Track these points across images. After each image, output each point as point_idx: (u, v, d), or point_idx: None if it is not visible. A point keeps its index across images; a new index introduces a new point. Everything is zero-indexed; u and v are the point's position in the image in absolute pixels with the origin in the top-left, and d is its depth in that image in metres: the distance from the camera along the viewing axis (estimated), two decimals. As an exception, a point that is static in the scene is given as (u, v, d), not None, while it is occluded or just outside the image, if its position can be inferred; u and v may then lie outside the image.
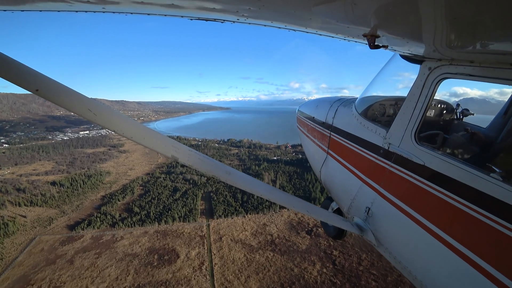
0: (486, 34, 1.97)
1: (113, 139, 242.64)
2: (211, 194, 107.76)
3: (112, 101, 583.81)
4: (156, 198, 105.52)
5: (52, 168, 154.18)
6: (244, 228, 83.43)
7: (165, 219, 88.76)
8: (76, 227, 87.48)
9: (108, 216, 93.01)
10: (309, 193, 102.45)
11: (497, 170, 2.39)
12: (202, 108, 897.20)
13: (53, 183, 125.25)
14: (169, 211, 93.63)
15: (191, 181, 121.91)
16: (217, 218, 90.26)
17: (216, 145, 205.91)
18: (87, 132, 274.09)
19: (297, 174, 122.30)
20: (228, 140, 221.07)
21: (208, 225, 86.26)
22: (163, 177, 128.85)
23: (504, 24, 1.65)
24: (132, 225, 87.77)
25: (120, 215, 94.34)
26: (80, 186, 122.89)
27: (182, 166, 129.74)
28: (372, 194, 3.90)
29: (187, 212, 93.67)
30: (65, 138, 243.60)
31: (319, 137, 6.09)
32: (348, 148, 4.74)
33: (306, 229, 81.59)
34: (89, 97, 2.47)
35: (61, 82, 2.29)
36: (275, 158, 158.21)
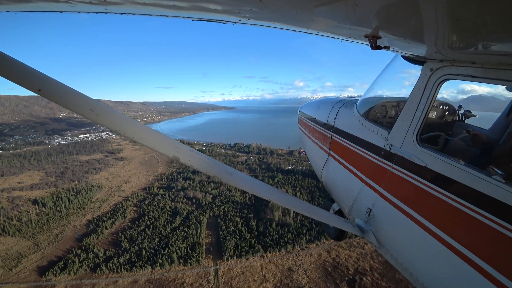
0: (488, 35, 1.96)
1: (112, 143, 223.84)
2: (219, 220, 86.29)
3: (116, 102, 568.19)
4: (151, 226, 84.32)
5: (40, 180, 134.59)
6: (264, 276, 61.75)
7: (160, 261, 67.32)
8: (47, 271, 66.55)
9: (90, 254, 72.07)
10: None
11: (499, 172, 2.34)
12: (206, 108, 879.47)
13: (35, 202, 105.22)
14: (166, 248, 72.31)
15: (194, 200, 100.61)
16: (228, 259, 68.54)
17: (222, 150, 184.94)
18: (87, 135, 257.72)
19: (319, 189, 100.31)
20: (235, 144, 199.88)
21: (217, 272, 64.62)
22: (162, 194, 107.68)
23: (506, 25, 1.63)
24: (119, 268, 66.62)
25: (105, 252, 73.37)
26: (65, 206, 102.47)
27: (184, 179, 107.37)
28: (374, 195, 3.81)
29: (189, 248, 72.28)
30: (63, 142, 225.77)
31: (321, 138, 5.99)
32: (350, 149, 4.66)
33: (346, 278, 59.96)
34: (93, 98, 2.46)
35: (64, 83, 2.30)
36: (290, 167, 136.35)
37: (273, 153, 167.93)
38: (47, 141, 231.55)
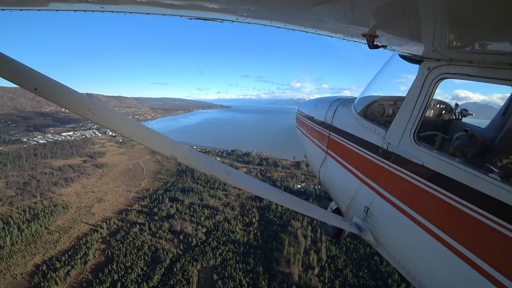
0: (485, 34, 1.96)
1: (95, 144, 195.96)
2: (215, 276, 60.78)
3: (109, 96, 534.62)
4: (119, 284, 58.42)
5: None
6: None
7: None
8: None
9: None
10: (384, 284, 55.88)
11: (496, 170, 2.34)
12: (202, 106, 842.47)
13: (-26, 231, 77.97)
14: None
15: (181, 236, 74.89)
16: None
17: (218, 158, 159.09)
18: (71, 133, 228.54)
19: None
20: (232, 151, 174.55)
21: None
22: (141, 225, 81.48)
23: (503, 24, 1.63)
24: None
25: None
26: (12, 238, 75.64)
27: (171, 200, 75.57)
28: (371, 194, 3.78)
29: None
30: (41, 141, 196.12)
31: (318, 136, 5.88)
32: (347, 148, 4.62)
33: None
34: (85, 92, 2.25)
35: (57, 77, 2.44)
36: (300, 186, 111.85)
37: (277, 165, 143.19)
38: (25, 139, 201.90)
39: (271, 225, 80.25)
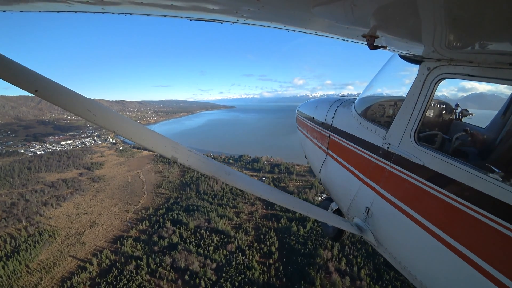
0: (485, 34, 1.95)
1: (94, 153, 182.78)
2: None
3: (111, 101, 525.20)
4: None
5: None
6: None
7: None
8: None
9: None
10: None
11: (496, 170, 2.33)
12: (205, 107, 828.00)
13: None
14: None
15: (187, 275, 60.04)
16: None
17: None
18: (70, 142, 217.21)
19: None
20: (240, 157, 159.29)
21: None
22: (138, 259, 66.71)
23: (503, 25, 1.63)
24: None
25: None
26: (-17, 281, 61.96)
27: (173, 223, 59.97)
28: (372, 194, 3.76)
29: None
30: (39, 152, 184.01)
31: (319, 137, 5.81)
32: (348, 149, 4.57)
33: None
34: (88, 97, 2.40)
35: (60, 82, 2.25)
36: (321, 199, 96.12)
37: (291, 172, 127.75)
38: (22, 151, 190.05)
39: (294, 255, 65.04)
